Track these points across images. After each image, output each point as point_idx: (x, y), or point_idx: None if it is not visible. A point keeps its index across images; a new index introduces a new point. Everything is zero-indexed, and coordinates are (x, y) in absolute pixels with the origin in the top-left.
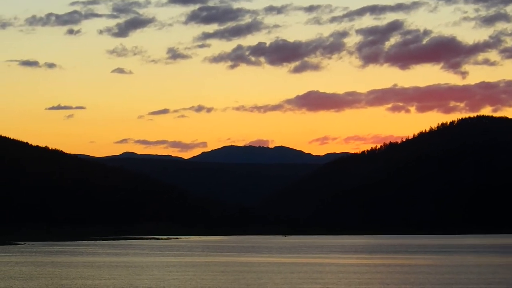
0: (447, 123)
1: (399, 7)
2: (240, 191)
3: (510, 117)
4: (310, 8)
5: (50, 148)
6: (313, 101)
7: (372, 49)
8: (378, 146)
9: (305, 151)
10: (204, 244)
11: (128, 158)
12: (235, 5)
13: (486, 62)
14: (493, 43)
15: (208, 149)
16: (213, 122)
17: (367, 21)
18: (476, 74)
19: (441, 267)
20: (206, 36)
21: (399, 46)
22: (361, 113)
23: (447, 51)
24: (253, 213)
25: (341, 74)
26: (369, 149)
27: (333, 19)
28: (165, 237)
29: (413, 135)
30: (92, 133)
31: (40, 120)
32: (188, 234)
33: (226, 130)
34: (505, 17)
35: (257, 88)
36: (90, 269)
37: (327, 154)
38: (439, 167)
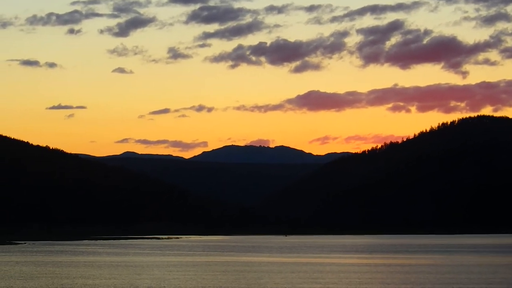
0: (448, 123)
1: (399, 7)
2: (240, 190)
3: (510, 117)
4: (311, 8)
5: (50, 148)
6: (314, 101)
7: (373, 49)
8: (379, 146)
9: (306, 151)
10: (205, 244)
11: (128, 157)
12: (236, 5)
13: (486, 62)
14: (493, 43)
15: (208, 148)
16: (213, 121)
17: (368, 21)
18: (476, 74)
19: (442, 267)
20: (207, 35)
21: (400, 46)
22: (361, 113)
23: (447, 51)
24: (253, 212)
25: (341, 74)
26: (369, 149)
27: (334, 19)
28: (166, 236)
29: (414, 135)
30: (93, 133)
31: (41, 120)
32: (189, 233)
33: (226, 129)
34: (506, 17)
35: (258, 88)
36: (90, 268)
37: (328, 154)
38: (439, 167)
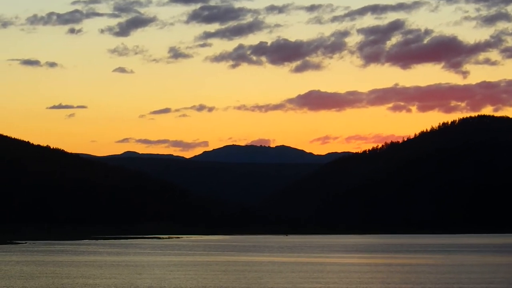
0: (448, 123)
1: (400, 6)
2: (241, 190)
3: (511, 116)
4: (312, 8)
5: (51, 148)
6: (314, 101)
7: (373, 48)
8: (379, 145)
9: (307, 151)
10: (205, 244)
11: (129, 157)
12: (237, 5)
13: (487, 61)
14: (494, 42)
15: (209, 148)
16: (214, 121)
17: (368, 20)
18: (477, 73)
19: (442, 267)
20: (208, 35)
21: (400, 46)
22: (362, 113)
23: (448, 51)
24: (254, 212)
25: (342, 74)
26: (370, 148)
27: (334, 19)
28: (167, 236)
29: (414, 135)
30: (94, 132)
31: (41, 119)
32: (190, 233)
33: (227, 129)
34: (506, 17)
35: (259, 88)
36: (91, 268)
37: (328, 153)
38: (440, 166)
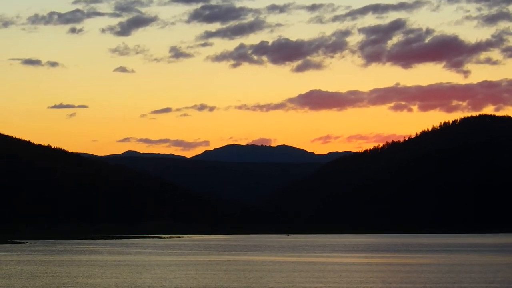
0: (449, 122)
1: (401, 6)
2: (242, 190)
3: None
4: (313, 7)
5: (52, 147)
6: (316, 100)
7: (375, 48)
8: (381, 145)
9: (308, 150)
10: (206, 243)
11: (130, 156)
12: (238, 4)
13: (488, 61)
14: (495, 42)
15: (210, 148)
16: (215, 121)
17: (370, 20)
18: (478, 73)
19: (443, 266)
20: (209, 34)
21: (402, 45)
22: (363, 112)
23: (449, 50)
24: (255, 212)
25: (343, 73)
26: (371, 148)
27: (336, 18)
28: (167, 236)
29: (416, 134)
30: (95, 132)
31: (43, 119)
32: (190, 233)
33: (228, 129)
34: (508, 16)
35: (260, 87)
36: (92, 267)
37: (330, 153)
38: (441, 166)
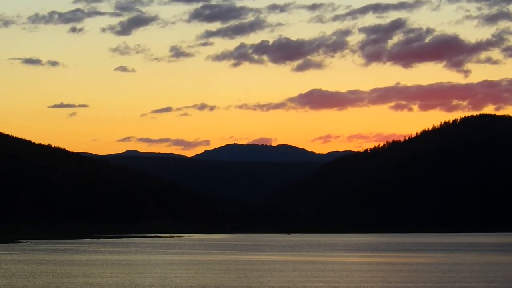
0: (450, 122)
1: (402, 5)
2: (243, 189)
3: None
4: (313, 7)
5: (52, 146)
6: (316, 100)
7: (375, 47)
8: (381, 144)
9: (308, 149)
10: (207, 242)
11: (131, 156)
12: (238, 3)
13: (488, 60)
14: (495, 41)
15: (211, 147)
16: (216, 120)
17: (370, 19)
18: (478, 72)
19: (443, 265)
20: (209, 34)
21: (402, 45)
22: (364, 112)
23: (449, 50)
24: (255, 211)
25: (344, 73)
26: (372, 147)
27: (336, 18)
28: (168, 235)
29: (416, 134)
30: (95, 131)
31: (43, 118)
32: (191, 232)
33: (229, 128)
34: (508, 16)
35: (260, 87)
36: (92, 267)
37: (330, 152)
38: (441, 165)
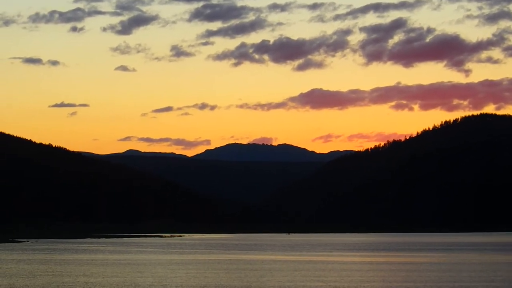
0: (451, 121)
1: (402, 5)
2: (243, 189)
3: None
4: (314, 6)
5: (53, 146)
6: (317, 99)
7: (376, 47)
8: (382, 144)
9: (309, 149)
10: (207, 242)
11: (131, 155)
12: (239, 3)
13: (489, 60)
14: (496, 41)
15: (211, 146)
16: (216, 119)
17: (371, 19)
18: (479, 72)
19: (444, 265)
20: (210, 33)
21: (403, 44)
22: (364, 111)
23: (450, 49)
24: (256, 211)
25: (344, 72)
26: (372, 147)
27: (337, 17)
28: (168, 234)
29: (417, 133)
30: (96, 131)
31: (44, 118)
32: (191, 231)
33: (229, 127)
34: (509, 15)
35: (261, 86)
36: (93, 266)
37: (331, 152)
38: (441, 165)
